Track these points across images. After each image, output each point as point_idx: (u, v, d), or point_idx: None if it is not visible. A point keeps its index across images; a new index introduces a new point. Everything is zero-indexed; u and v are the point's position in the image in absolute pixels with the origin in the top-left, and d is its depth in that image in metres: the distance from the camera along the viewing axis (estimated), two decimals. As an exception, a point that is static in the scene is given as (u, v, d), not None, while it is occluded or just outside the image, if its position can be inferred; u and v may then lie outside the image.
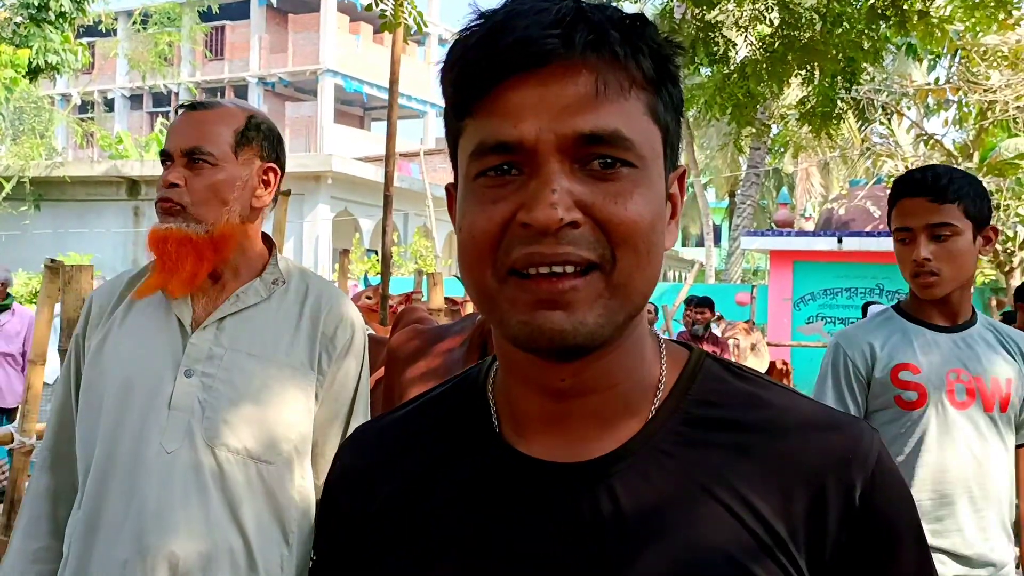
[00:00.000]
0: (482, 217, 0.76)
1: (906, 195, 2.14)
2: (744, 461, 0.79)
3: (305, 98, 32.70)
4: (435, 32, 34.87)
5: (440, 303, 3.96)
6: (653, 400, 0.83)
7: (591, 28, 0.74)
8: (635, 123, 0.76)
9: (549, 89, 0.74)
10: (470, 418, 0.88)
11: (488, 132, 0.75)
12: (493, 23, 0.76)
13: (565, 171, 0.74)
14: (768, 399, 0.83)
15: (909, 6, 5.86)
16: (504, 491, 0.82)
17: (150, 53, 24.56)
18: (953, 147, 11.51)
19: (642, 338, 0.83)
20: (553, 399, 0.81)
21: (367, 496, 0.89)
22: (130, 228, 22.15)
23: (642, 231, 0.75)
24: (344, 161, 21.84)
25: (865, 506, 0.78)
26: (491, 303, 0.77)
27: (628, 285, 0.75)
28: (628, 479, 0.79)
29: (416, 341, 2.50)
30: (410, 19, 4.71)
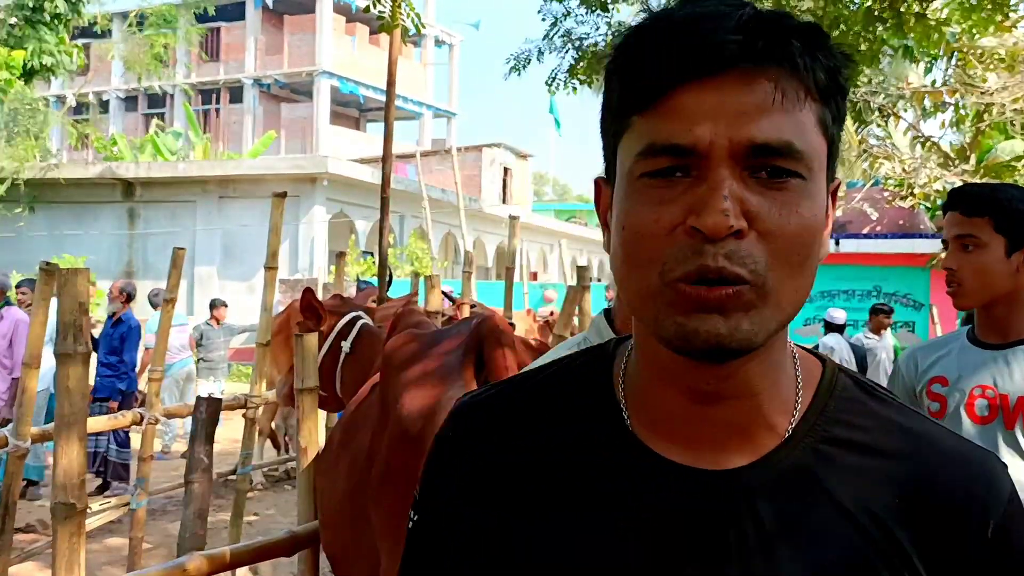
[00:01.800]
0: (649, 218, 0.75)
1: (948, 208, 2.22)
2: (881, 486, 0.80)
3: (301, 100, 32.63)
4: (431, 34, 34.84)
5: (437, 305, 3.95)
6: (791, 413, 0.83)
7: (773, 36, 0.74)
8: (806, 134, 0.76)
9: (726, 95, 0.74)
10: (597, 408, 0.87)
11: (660, 133, 0.75)
12: (672, 24, 0.75)
13: (735, 178, 0.74)
14: (905, 425, 0.84)
15: (906, 8, 5.86)
16: (637, 490, 0.81)
17: (145, 55, 24.47)
18: (950, 149, 11.53)
19: (784, 348, 0.84)
20: (695, 402, 0.81)
21: (486, 475, 0.88)
22: (125, 231, 22.08)
23: (803, 244, 0.76)
24: (340, 163, 21.81)
25: (998, 541, 0.79)
26: (648, 303, 0.77)
27: (780, 294, 0.76)
28: (765, 491, 0.79)
29: (412, 344, 2.49)
30: (408, 20, 4.70)
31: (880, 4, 5.89)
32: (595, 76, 6.57)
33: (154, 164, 23.07)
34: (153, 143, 25.62)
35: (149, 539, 5.67)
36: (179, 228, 20.82)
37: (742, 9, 0.75)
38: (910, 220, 14.33)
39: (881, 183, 12.90)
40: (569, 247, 23.50)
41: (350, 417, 2.73)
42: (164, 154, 25.13)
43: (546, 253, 30.16)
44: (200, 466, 2.97)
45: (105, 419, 5.15)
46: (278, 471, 9.04)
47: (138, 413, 4.71)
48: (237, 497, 5.02)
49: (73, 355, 2.03)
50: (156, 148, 25.30)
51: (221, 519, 6.61)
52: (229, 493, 7.24)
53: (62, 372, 2.10)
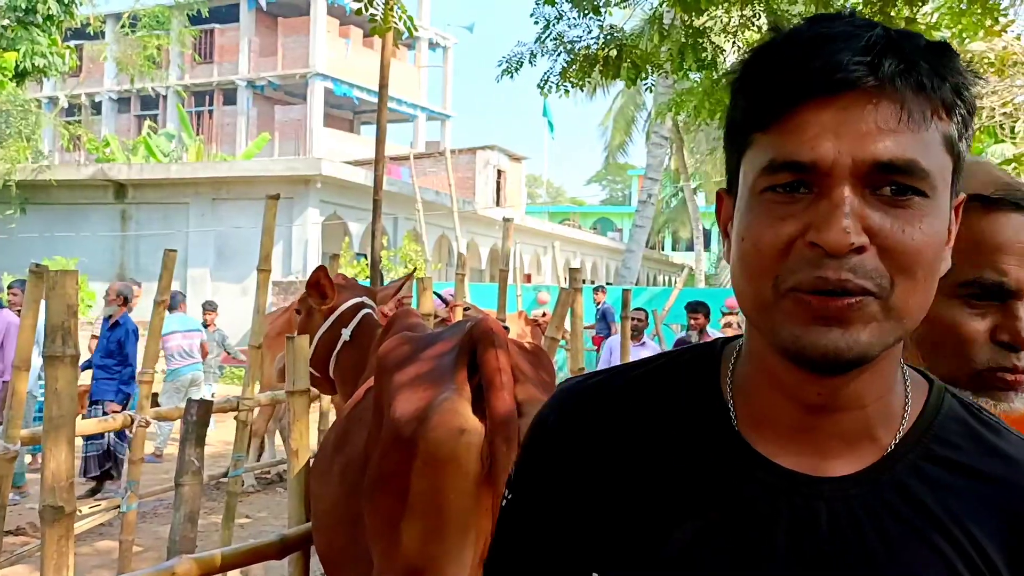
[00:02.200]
0: (770, 232, 0.77)
1: None
2: (979, 508, 0.81)
3: (295, 102, 32.60)
4: (425, 36, 34.85)
5: (430, 308, 3.95)
6: (897, 428, 0.85)
7: (901, 57, 0.75)
8: (931, 153, 0.77)
9: (850, 114, 0.75)
10: (704, 407, 0.88)
11: (783, 150, 0.77)
12: (801, 44, 0.77)
13: (857, 195, 0.75)
14: (1007, 450, 0.84)
15: (896, 13, 5.89)
16: (737, 489, 0.83)
17: (138, 56, 24.45)
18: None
19: (895, 362, 0.85)
20: (805, 411, 0.83)
21: (587, 461, 0.89)
22: (117, 232, 22.02)
23: (925, 260, 0.77)
24: (333, 165, 21.79)
25: None
26: (765, 313, 0.79)
27: (903, 309, 0.77)
28: (867, 503, 0.81)
29: (405, 347, 2.48)
30: (400, 23, 4.70)
31: (870, 9, 5.91)
32: (587, 79, 6.61)
33: (146, 166, 23.01)
34: (146, 145, 25.56)
35: (140, 542, 5.66)
36: (172, 230, 20.77)
37: (872, 31, 0.76)
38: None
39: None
40: (562, 249, 23.52)
41: (344, 420, 2.73)
42: (157, 156, 25.07)
43: (540, 255, 30.18)
44: (190, 468, 2.96)
45: (95, 421, 5.13)
46: (270, 473, 9.02)
47: (128, 415, 4.70)
48: (228, 500, 5.00)
49: (62, 357, 2.03)
50: (149, 150, 25.25)
51: (213, 522, 6.60)
52: (221, 496, 7.22)
53: (50, 374, 2.09)
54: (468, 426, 2.08)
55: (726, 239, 0.87)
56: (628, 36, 7.38)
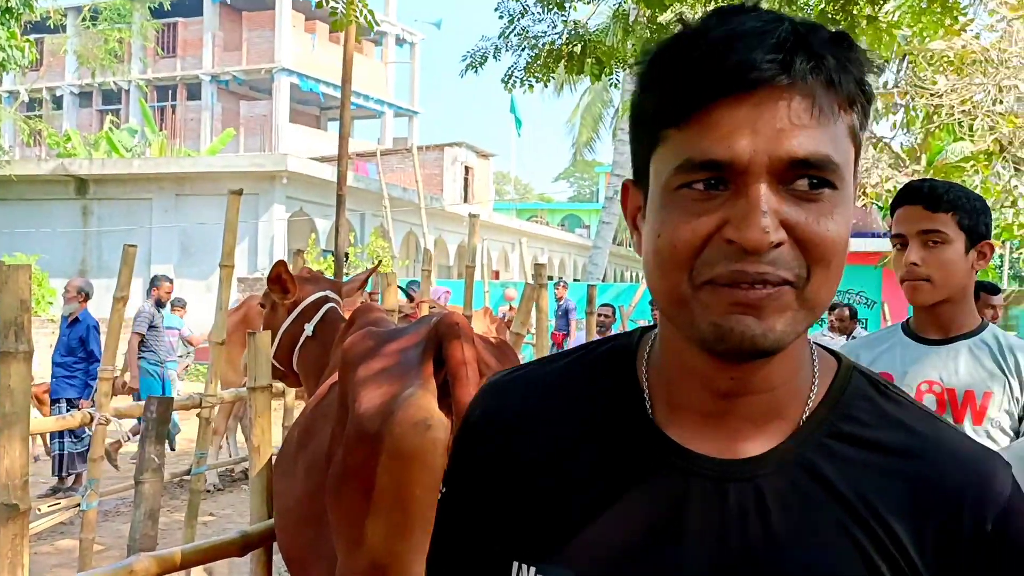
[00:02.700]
0: (686, 228, 0.78)
1: (903, 203, 2.21)
2: (883, 481, 0.83)
3: (260, 97, 32.32)
4: (392, 32, 34.70)
5: (393, 303, 3.94)
6: (804, 408, 0.87)
7: (810, 54, 0.77)
8: (840, 146, 0.79)
9: (764, 111, 0.76)
10: (621, 396, 0.91)
11: (697, 148, 0.77)
12: (713, 41, 0.77)
13: (773, 191, 0.77)
14: (912, 424, 0.87)
15: (858, 11, 5.95)
16: (651, 474, 0.86)
17: (100, 50, 24.10)
18: (901, 150, 11.73)
19: (803, 345, 0.87)
20: (717, 397, 0.85)
21: (509, 453, 0.92)
22: (79, 228, 21.72)
23: (838, 250, 0.79)
24: (299, 161, 21.64)
25: (996, 538, 0.82)
26: (681, 307, 0.80)
27: (816, 299, 0.79)
28: (774, 482, 0.83)
29: (370, 342, 2.47)
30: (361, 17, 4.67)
31: (833, 7, 5.97)
32: (551, 75, 6.61)
33: (108, 161, 22.71)
34: (108, 140, 25.21)
35: (101, 540, 5.60)
36: (134, 226, 20.52)
37: (779, 25, 0.77)
38: (863, 220, 14.56)
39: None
40: (530, 246, 23.54)
41: (308, 417, 2.71)
42: (119, 151, 24.75)
43: (507, 252, 30.19)
44: (150, 466, 2.93)
45: (53, 420, 5.06)
46: (235, 471, 8.95)
47: (88, 413, 4.63)
48: (192, 497, 4.96)
49: (15, 353, 1.99)
50: (111, 144, 24.92)
51: (176, 519, 6.53)
52: (184, 494, 7.16)
53: (3, 371, 2.05)
54: (434, 420, 2.07)
55: (635, 231, 0.88)
56: (593, 32, 7.38)
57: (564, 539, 0.86)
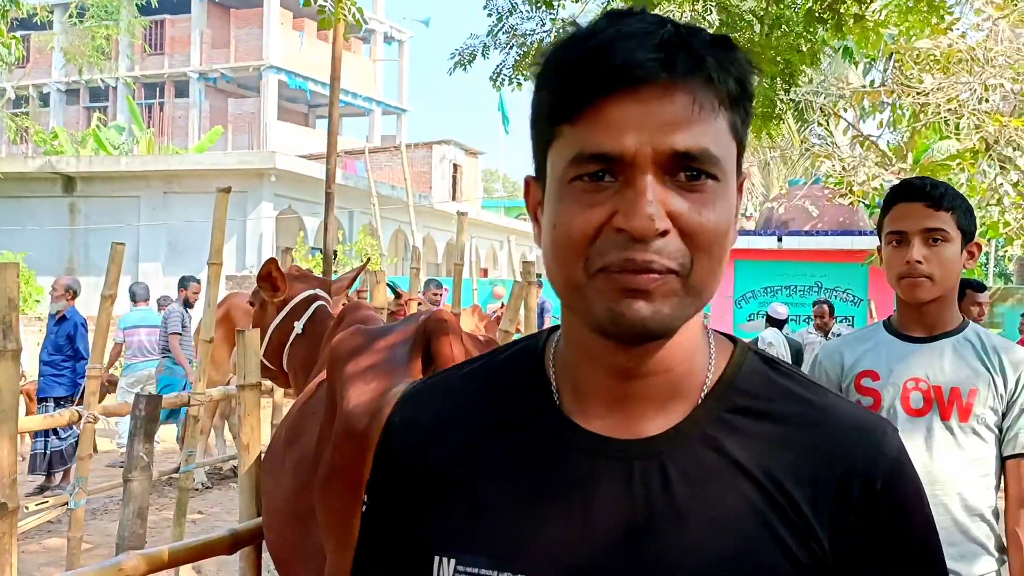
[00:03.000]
0: (579, 218, 0.83)
1: (903, 200, 2.21)
2: (780, 449, 0.88)
3: (248, 94, 32.22)
4: (380, 30, 34.63)
5: (382, 301, 3.94)
6: (702, 387, 0.92)
7: (691, 53, 0.82)
8: (720, 140, 0.84)
9: (649, 107, 0.81)
10: (530, 389, 0.95)
11: (589, 142, 0.82)
12: (601, 41, 0.82)
13: (659, 182, 0.82)
14: (805, 395, 0.92)
15: (845, 10, 5.97)
16: (561, 459, 0.90)
17: (87, 47, 23.96)
18: (888, 148, 11.77)
19: (697, 328, 0.92)
20: (617, 379, 0.90)
21: (426, 454, 0.96)
22: (66, 226, 21.60)
23: (719, 239, 0.84)
24: (288, 158, 21.57)
25: (885, 496, 0.87)
26: (578, 294, 0.85)
27: (701, 285, 0.84)
28: (676, 457, 0.88)
29: (358, 339, 2.47)
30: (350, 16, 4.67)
31: (820, 5, 5.99)
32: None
33: (96, 158, 22.60)
34: (95, 137, 25.09)
35: (89, 539, 5.58)
36: (122, 224, 20.42)
37: (663, 27, 0.82)
38: (850, 217, 14.62)
39: (822, 181, 13.14)
40: (518, 243, 23.54)
41: (296, 415, 2.70)
42: (107, 148, 24.63)
43: (496, 250, 30.18)
44: (139, 464, 2.93)
45: (40, 418, 5.05)
46: (223, 469, 8.94)
47: (76, 411, 4.62)
48: (180, 495, 4.95)
49: (3, 352, 2.00)
50: (98, 142, 24.79)
51: (165, 518, 6.52)
52: (173, 492, 7.14)
53: (-7, 369, 2.06)
54: (420, 418, 2.07)
55: (536, 224, 0.93)
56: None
57: (480, 528, 0.90)
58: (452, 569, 0.90)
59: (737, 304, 14.97)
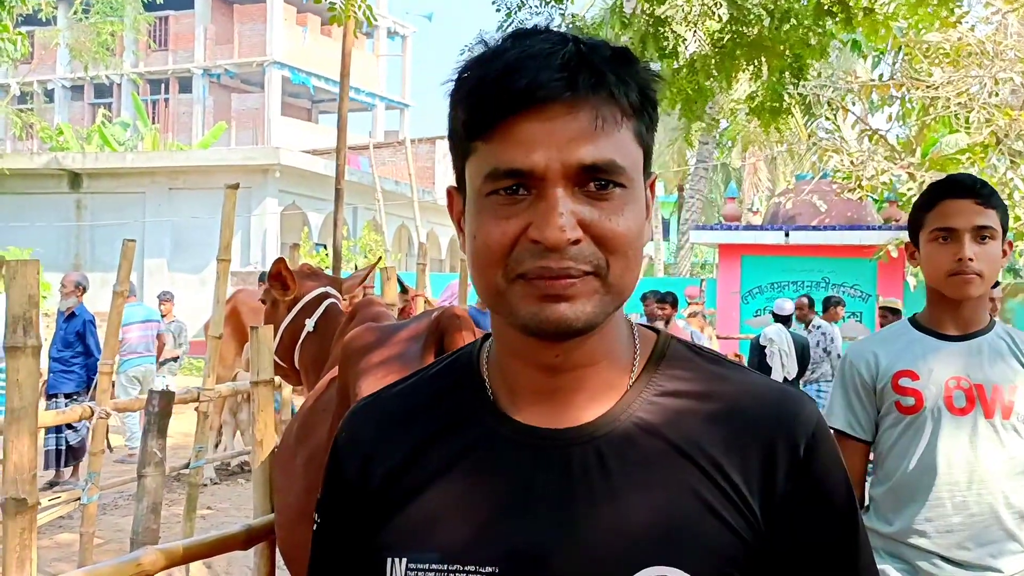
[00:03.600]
0: (496, 231, 0.89)
1: (951, 197, 2.19)
2: (707, 426, 0.94)
3: (251, 90, 32.22)
4: (383, 25, 34.60)
5: (393, 297, 3.94)
6: (630, 375, 0.97)
7: (591, 71, 0.87)
8: (625, 150, 0.89)
9: (556, 124, 0.86)
10: (466, 393, 1.00)
11: (501, 159, 0.88)
12: (507, 62, 0.87)
13: (568, 194, 0.87)
14: (727, 375, 0.98)
15: (855, 3, 5.96)
16: (500, 453, 0.95)
17: (92, 43, 23.95)
18: (896, 143, 11.74)
19: (619, 323, 0.98)
20: (546, 374, 0.95)
21: (368, 470, 1.00)
22: (72, 222, 21.64)
23: (631, 241, 0.89)
24: (292, 154, 21.57)
25: (807, 461, 0.93)
26: (500, 298, 0.91)
27: (619, 284, 0.90)
28: (611, 441, 0.93)
29: (371, 336, 2.46)
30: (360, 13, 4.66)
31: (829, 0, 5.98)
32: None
33: (102, 155, 22.62)
34: (100, 133, 25.10)
35: (99, 534, 5.59)
36: (128, 220, 20.44)
37: (564, 47, 0.87)
38: (858, 213, 14.58)
39: (830, 176, 13.12)
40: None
41: (307, 412, 2.70)
42: (112, 145, 24.65)
43: (500, 245, 30.09)
44: (153, 460, 2.93)
45: (54, 413, 5.06)
46: (231, 465, 8.95)
47: (88, 407, 4.63)
48: (190, 491, 4.96)
49: (23, 348, 2.00)
50: (103, 138, 24.80)
51: (173, 513, 6.53)
52: (180, 488, 7.15)
53: (11, 366, 2.06)
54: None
55: (460, 232, 0.99)
56: (590, 25, 7.38)
57: (428, 526, 0.94)
58: (404, 568, 0.93)
59: (744, 300, 14.94)
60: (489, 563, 0.90)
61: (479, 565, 0.90)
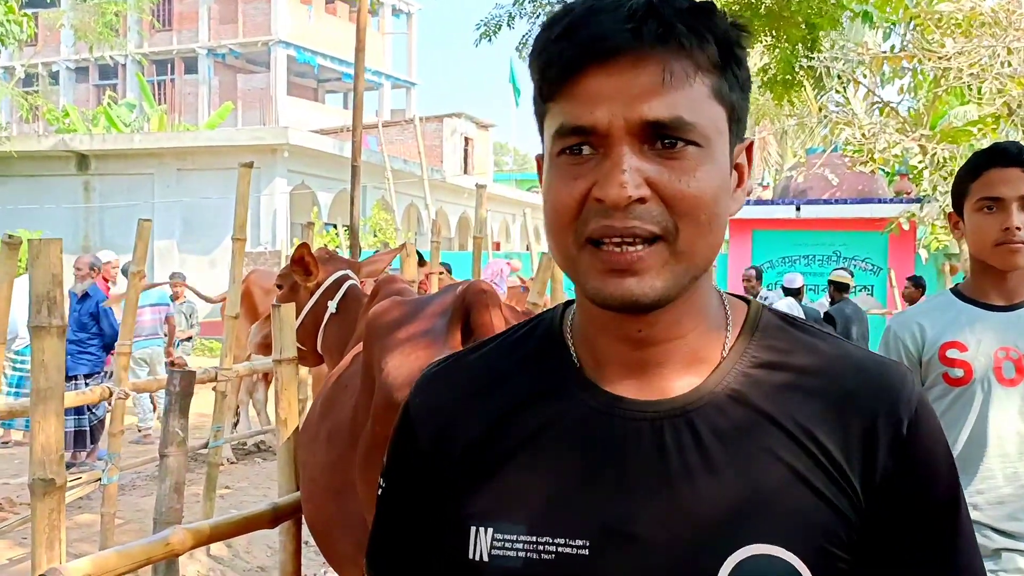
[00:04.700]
0: (564, 191, 0.86)
1: (996, 165, 2.15)
2: (805, 399, 0.90)
3: (257, 70, 32.12)
4: (388, 2, 34.42)
5: (413, 274, 3.92)
6: (723, 348, 0.93)
7: (660, 22, 0.83)
8: (699, 107, 0.85)
9: (621, 79, 0.83)
10: (552, 361, 0.96)
11: (568, 116, 0.85)
12: (574, 18, 0.85)
13: (635, 151, 0.84)
14: (823, 347, 0.94)
15: (869, -27, 5.89)
16: (590, 424, 0.91)
17: (96, 23, 23.86)
18: (908, 115, 11.64)
19: (706, 293, 0.94)
20: (632, 346, 0.91)
21: (449, 437, 0.97)
22: (81, 204, 21.65)
23: (704, 205, 0.85)
24: (301, 134, 21.54)
25: (910, 437, 0.89)
26: (573, 266, 0.88)
27: (691, 252, 0.86)
28: (705, 414, 0.89)
29: (396, 311, 2.45)
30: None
31: (844, -31, 5.91)
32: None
33: (109, 136, 22.61)
34: (106, 115, 25.07)
35: (119, 514, 5.62)
36: (137, 201, 20.46)
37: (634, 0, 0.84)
38: (869, 186, 14.50)
39: (841, 149, 13.02)
40: (533, 216, 23.48)
41: (331, 388, 2.70)
42: (118, 126, 24.62)
43: (508, 223, 30.12)
44: (175, 440, 2.92)
45: (73, 394, 5.07)
46: (247, 444, 8.99)
47: (107, 388, 4.64)
48: (210, 471, 4.98)
49: (48, 328, 1.99)
50: (110, 120, 24.77)
51: (192, 492, 6.55)
52: (197, 467, 7.18)
53: (37, 346, 2.05)
54: (462, 389, 2.06)
55: None
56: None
57: (516, 497, 0.91)
58: (490, 539, 0.91)
59: (754, 274, 14.89)
60: (580, 536, 0.87)
61: (569, 538, 0.88)
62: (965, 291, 2.28)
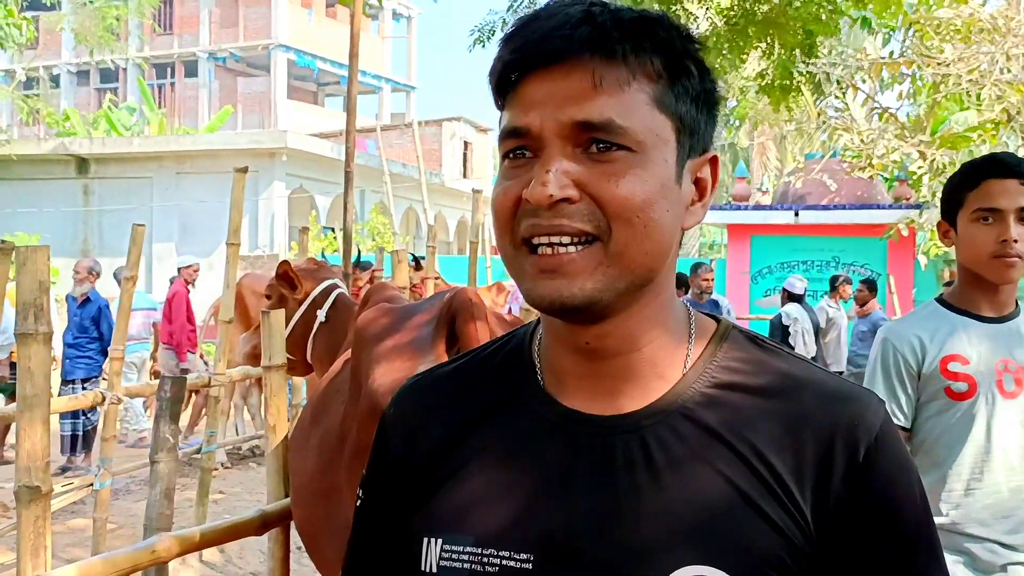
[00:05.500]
0: (501, 194, 0.89)
1: (994, 176, 2.11)
2: (761, 420, 0.88)
3: (257, 73, 32.15)
4: (388, 6, 34.45)
5: (405, 281, 3.92)
6: (683, 365, 0.92)
7: (593, 29, 0.85)
8: (634, 113, 0.85)
9: (554, 84, 0.86)
10: (516, 373, 0.98)
11: (509, 120, 0.88)
12: (518, 27, 0.88)
13: (566, 154, 0.85)
14: (787, 369, 0.92)
15: (866, -21, 5.89)
16: (542, 437, 0.92)
17: (97, 27, 23.89)
18: (907, 120, 11.64)
19: (665, 307, 0.93)
20: (584, 358, 0.91)
21: (413, 446, 0.98)
22: (80, 207, 21.66)
23: (633, 207, 0.84)
24: (299, 138, 21.55)
25: (867, 465, 0.86)
26: (512, 267, 0.89)
27: (625, 255, 0.85)
28: (657, 432, 0.88)
29: (384, 319, 2.45)
30: (369, -9, 4.61)
31: (841, -25, 5.91)
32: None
33: (109, 140, 22.64)
34: (107, 118, 25.09)
35: (112, 520, 5.61)
36: (135, 205, 20.46)
37: (570, 9, 0.86)
38: (868, 191, 14.50)
39: (840, 154, 13.02)
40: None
41: (321, 394, 2.70)
42: (118, 129, 24.64)
43: (508, 227, 30.06)
44: (165, 446, 2.92)
45: (66, 399, 5.07)
46: (242, 449, 8.98)
47: (100, 393, 4.63)
48: (203, 476, 4.97)
49: (35, 335, 1.98)
50: (110, 123, 24.79)
51: (185, 498, 6.55)
52: (191, 472, 7.17)
53: (23, 353, 2.04)
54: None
55: None
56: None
57: (466, 508, 0.92)
58: (439, 550, 0.91)
59: (753, 280, 14.89)
60: (524, 550, 0.87)
61: (514, 551, 0.88)
62: (953, 301, 2.24)
